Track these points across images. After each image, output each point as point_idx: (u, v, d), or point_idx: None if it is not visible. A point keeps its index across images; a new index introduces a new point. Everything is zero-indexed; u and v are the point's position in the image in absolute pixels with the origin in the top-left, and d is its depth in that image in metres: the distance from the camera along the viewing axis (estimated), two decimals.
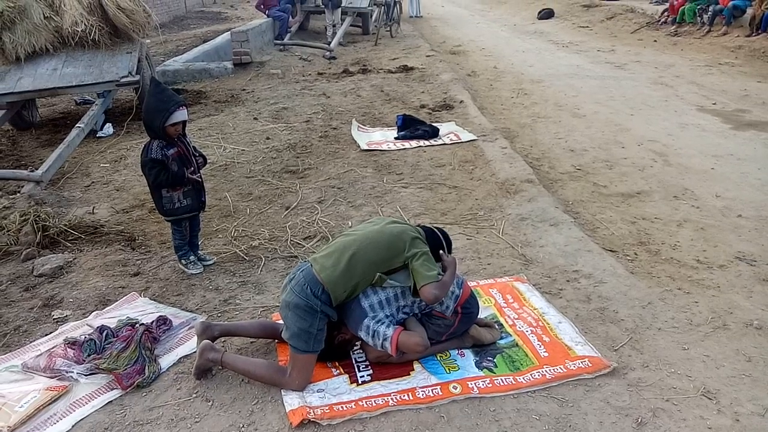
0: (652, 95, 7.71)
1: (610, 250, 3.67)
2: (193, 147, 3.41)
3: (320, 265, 2.45)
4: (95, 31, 6.53)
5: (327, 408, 2.30)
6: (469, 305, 2.65)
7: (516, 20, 17.30)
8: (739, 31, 10.94)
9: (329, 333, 2.54)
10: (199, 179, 3.39)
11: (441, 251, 2.58)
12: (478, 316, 2.78)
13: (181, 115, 3.15)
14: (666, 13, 13.18)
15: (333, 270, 2.41)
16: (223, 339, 2.79)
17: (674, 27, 12.53)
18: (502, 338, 2.74)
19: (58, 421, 2.29)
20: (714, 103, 7.18)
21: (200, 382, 2.51)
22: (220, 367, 2.56)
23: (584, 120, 6.72)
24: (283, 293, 2.49)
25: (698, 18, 12.03)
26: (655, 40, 12.17)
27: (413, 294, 2.49)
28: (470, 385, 2.41)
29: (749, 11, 10.87)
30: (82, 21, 6.47)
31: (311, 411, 2.27)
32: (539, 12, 17.25)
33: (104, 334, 2.67)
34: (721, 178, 4.82)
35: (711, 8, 11.62)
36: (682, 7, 12.47)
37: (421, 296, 2.41)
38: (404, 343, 2.44)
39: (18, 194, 4.77)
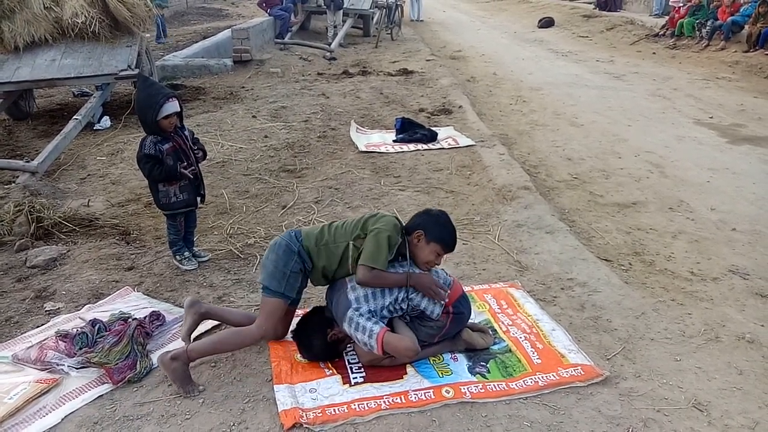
0: (649, 107, 7.75)
1: (605, 260, 3.68)
2: (196, 139, 3.40)
3: (307, 228, 2.66)
4: (95, 24, 6.50)
5: (319, 411, 2.29)
6: (460, 305, 2.64)
7: (516, 28, 17.37)
8: (737, 46, 11.03)
9: (323, 330, 2.55)
10: (192, 174, 3.32)
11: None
12: (473, 321, 2.78)
13: (171, 107, 3.12)
14: (665, 26, 13.27)
15: (311, 229, 2.61)
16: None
17: (673, 40, 12.63)
18: (495, 344, 2.74)
19: (47, 414, 2.27)
20: (711, 117, 7.23)
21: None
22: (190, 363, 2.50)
23: (582, 129, 6.75)
24: None
25: (697, 32, 12.13)
26: (654, 53, 12.25)
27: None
28: (463, 390, 2.41)
29: (746, 27, 10.97)
30: (82, 13, 6.45)
31: (304, 414, 2.25)
32: (540, 20, 17.34)
33: (96, 327, 2.65)
34: (716, 191, 4.85)
35: (710, 23, 11.71)
36: (681, 20, 12.57)
37: (356, 270, 2.45)
38: (393, 346, 2.42)
39: (13, 184, 4.73)
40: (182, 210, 3.38)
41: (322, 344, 2.56)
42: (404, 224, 2.64)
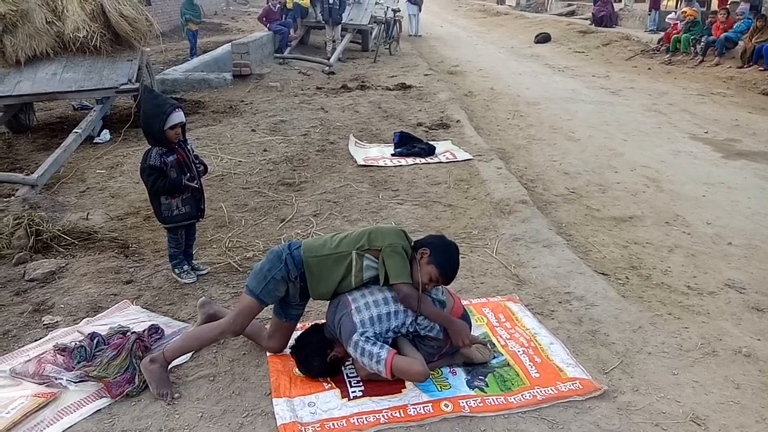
0: (645, 122, 7.83)
1: (602, 273, 3.70)
2: (195, 155, 3.43)
3: (309, 239, 2.75)
4: (97, 38, 6.56)
5: (318, 425, 2.29)
6: None
7: (513, 43, 17.54)
8: (731, 62, 11.16)
9: (323, 351, 2.54)
10: (198, 187, 3.39)
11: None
12: (472, 335, 2.78)
13: (178, 117, 3.18)
14: (661, 41, 13.42)
15: (313, 240, 2.65)
16: (215, 349, 2.79)
17: (668, 56, 12.76)
18: (494, 357, 2.75)
19: (45, 429, 2.26)
20: (706, 132, 7.29)
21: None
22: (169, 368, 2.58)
23: (579, 144, 6.80)
24: None
25: (692, 48, 12.27)
26: (650, 68, 12.38)
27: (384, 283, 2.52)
28: (461, 404, 2.41)
29: (741, 44, 11.11)
30: (84, 27, 6.51)
31: (303, 428, 2.26)
32: (536, 36, 17.52)
33: (95, 341, 2.65)
34: (711, 206, 4.89)
35: (704, 39, 11.85)
36: (677, 36, 12.72)
37: (396, 290, 2.47)
38: (404, 371, 2.40)
39: (12, 197, 4.74)
40: (184, 223, 3.40)
41: (322, 364, 2.56)
42: (411, 238, 2.67)
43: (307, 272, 2.52)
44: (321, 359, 2.54)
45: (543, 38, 17.19)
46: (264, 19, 12.96)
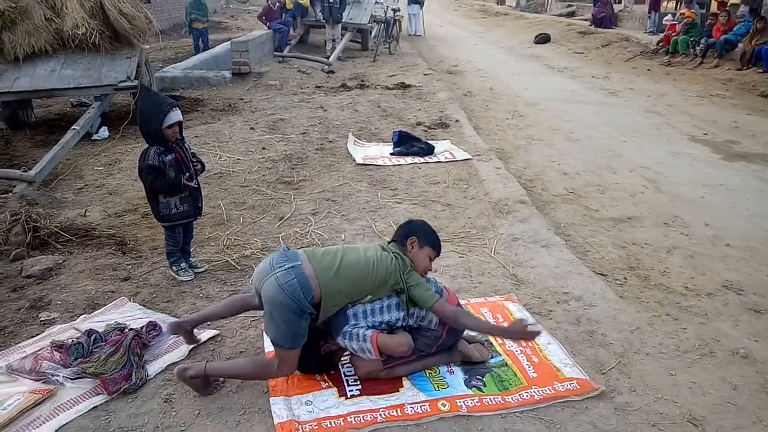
0: (644, 123, 7.83)
1: (600, 274, 3.70)
2: (192, 153, 3.43)
3: (322, 268, 2.40)
4: (96, 35, 6.55)
5: (315, 423, 2.28)
6: None
7: (513, 43, 17.54)
8: (730, 64, 11.17)
9: (315, 343, 2.55)
10: (196, 186, 3.39)
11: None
12: (470, 334, 2.79)
13: (175, 115, 3.17)
14: (660, 42, 13.43)
15: (330, 286, 2.39)
16: (212, 347, 2.79)
17: (667, 57, 12.76)
18: (492, 357, 2.75)
19: (41, 425, 2.26)
20: (705, 133, 7.30)
21: (210, 396, 2.47)
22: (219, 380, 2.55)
23: (578, 144, 6.80)
24: (265, 280, 2.36)
25: (691, 50, 12.28)
26: (649, 69, 12.39)
27: (408, 305, 2.53)
28: (459, 403, 2.41)
29: (740, 46, 11.12)
30: (83, 24, 6.49)
31: (300, 427, 2.25)
32: (536, 36, 17.52)
33: (92, 337, 2.64)
34: (710, 207, 4.89)
35: (703, 41, 11.86)
36: (675, 37, 12.73)
37: (436, 313, 2.52)
38: (386, 344, 2.44)
39: (10, 194, 4.73)
40: (182, 221, 3.40)
41: (316, 357, 2.56)
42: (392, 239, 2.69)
43: (322, 310, 2.44)
44: (314, 351, 2.54)
45: (542, 39, 17.19)
46: (264, 17, 12.95)
